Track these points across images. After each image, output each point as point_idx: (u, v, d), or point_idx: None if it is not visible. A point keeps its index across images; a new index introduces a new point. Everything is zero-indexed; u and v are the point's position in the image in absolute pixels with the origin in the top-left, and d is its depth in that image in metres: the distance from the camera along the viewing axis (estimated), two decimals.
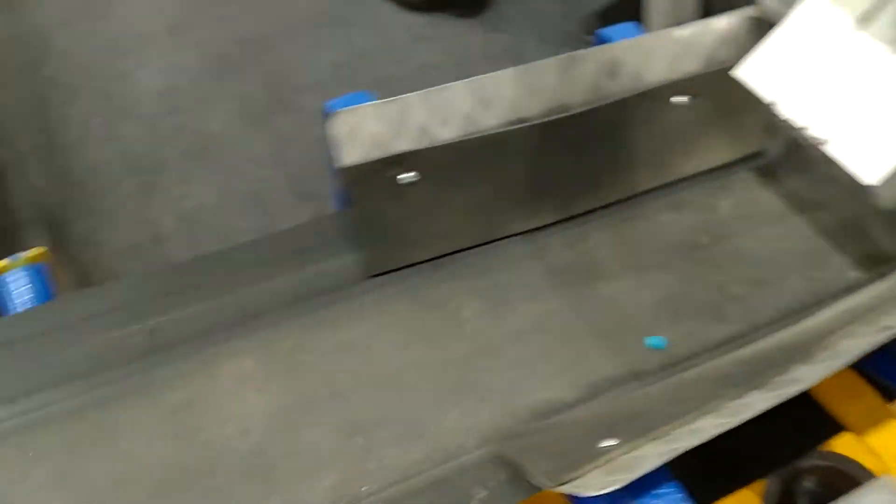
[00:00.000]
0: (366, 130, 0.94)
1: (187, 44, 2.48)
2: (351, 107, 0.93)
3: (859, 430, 0.86)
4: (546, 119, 0.99)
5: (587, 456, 0.73)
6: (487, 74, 0.98)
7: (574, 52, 1.01)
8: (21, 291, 0.94)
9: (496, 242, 1.04)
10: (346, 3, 2.58)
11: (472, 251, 1.02)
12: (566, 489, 0.70)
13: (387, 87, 1.60)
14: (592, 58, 1.02)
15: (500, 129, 0.98)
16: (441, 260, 1.01)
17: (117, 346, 0.92)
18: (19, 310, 0.95)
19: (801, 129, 0.93)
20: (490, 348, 0.93)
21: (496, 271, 1.01)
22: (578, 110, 1.01)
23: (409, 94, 0.95)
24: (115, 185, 2.18)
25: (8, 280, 0.95)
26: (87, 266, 1.96)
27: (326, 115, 1.01)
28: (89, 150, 2.26)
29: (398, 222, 0.98)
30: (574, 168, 1.04)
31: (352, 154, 0.93)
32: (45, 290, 0.96)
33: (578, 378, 0.90)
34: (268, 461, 0.82)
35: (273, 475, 0.81)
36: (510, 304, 0.97)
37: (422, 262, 1.01)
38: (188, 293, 0.97)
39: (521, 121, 0.99)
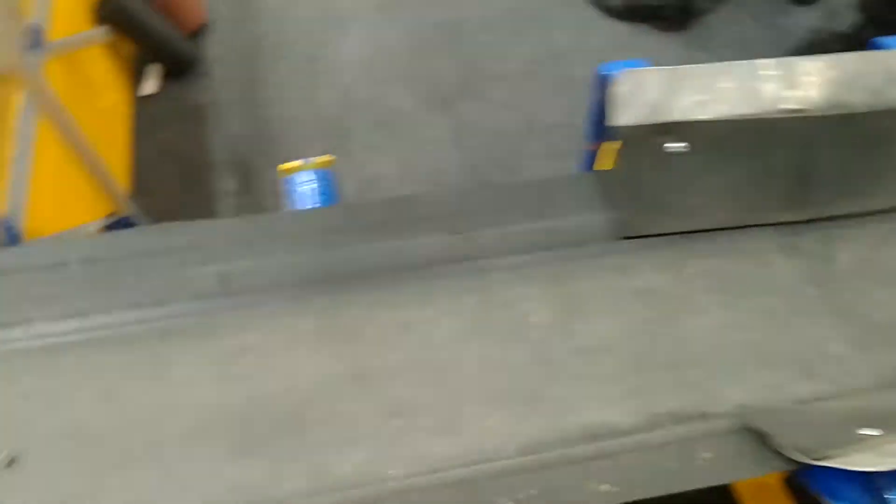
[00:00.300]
0: (644, 95, 0.94)
1: (391, 21, 2.58)
2: (634, 69, 0.94)
3: None
4: (823, 113, 0.97)
5: (847, 440, 0.74)
6: (770, 59, 0.97)
7: (864, 52, 0.98)
8: (306, 191, 0.99)
9: (581, 252, 0.98)
10: (548, 2, 2.61)
11: (551, 255, 0.98)
12: (829, 464, 0.72)
13: (575, 89, 1.55)
14: (879, 61, 0.98)
15: (777, 115, 0.96)
16: (517, 260, 0.96)
17: (188, 283, 0.92)
18: (303, 207, 1.00)
19: None
20: (552, 359, 0.88)
21: (576, 281, 0.95)
22: (859, 111, 0.97)
23: (689, 66, 0.95)
24: (305, 143, 2.29)
25: (297, 180, 1.00)
26: None
27: (601, 77, 1.03)
28: (286, 107, 2.38)
29: (658, 190, 0.97)
30: (840, 169, 1.00)
31: (627, 115, 0.94)
32: (329, 192, 1.01)
33: (641, 407, 0.83)
34: (304, 423, 0.81)
35: (306, 438, 0.80)
36: (583, 318, 0.91)
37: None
38: (264, 246, 0.96)
39: (797, 110, 0.97)
